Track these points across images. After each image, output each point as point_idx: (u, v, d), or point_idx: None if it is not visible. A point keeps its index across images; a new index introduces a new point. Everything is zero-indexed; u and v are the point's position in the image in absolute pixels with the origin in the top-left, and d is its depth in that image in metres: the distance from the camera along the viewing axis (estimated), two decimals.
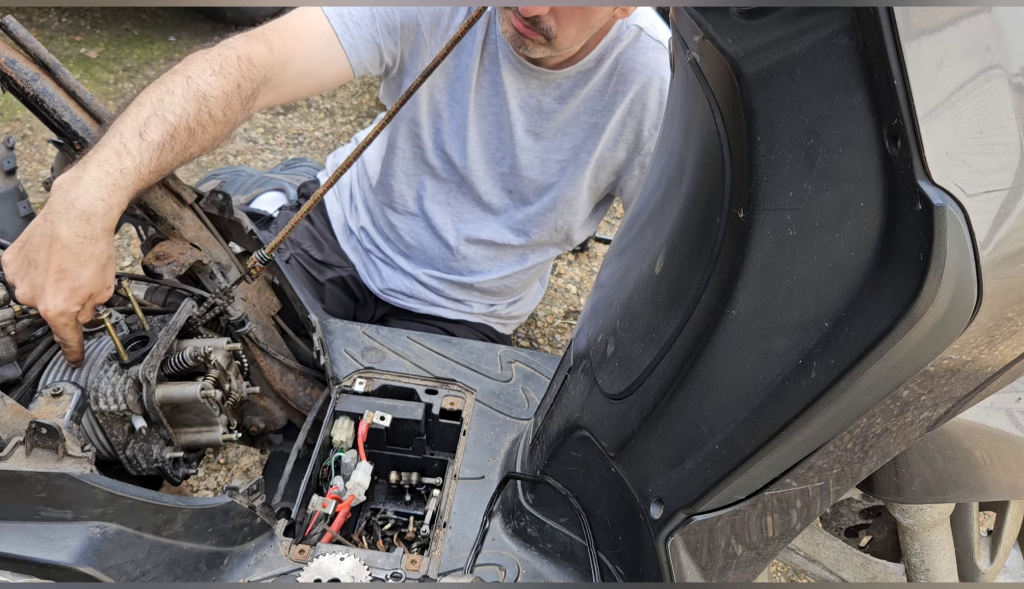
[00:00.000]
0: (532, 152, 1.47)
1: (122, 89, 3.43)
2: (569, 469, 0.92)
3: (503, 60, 1.38)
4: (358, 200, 1.69)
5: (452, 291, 1.66)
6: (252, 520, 0.95)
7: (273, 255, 1.13)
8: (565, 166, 1.48)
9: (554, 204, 1.52)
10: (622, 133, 1.44)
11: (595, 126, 1.44)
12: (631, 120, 1.43)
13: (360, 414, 1.11)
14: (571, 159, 1.47)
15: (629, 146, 1.46)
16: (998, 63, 0.46)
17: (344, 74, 1.32)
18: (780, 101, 0.54)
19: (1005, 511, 1.12)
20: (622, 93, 1.40)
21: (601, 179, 1.52)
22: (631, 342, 0.78)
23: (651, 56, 1.39)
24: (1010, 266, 0.48)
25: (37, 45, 1.07)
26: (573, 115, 1.43)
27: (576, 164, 1.48)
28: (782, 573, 1.89)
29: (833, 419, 0.58)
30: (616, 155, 1.47)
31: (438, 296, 1.67)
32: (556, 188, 1.50)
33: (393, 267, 1.67)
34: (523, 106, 1.43)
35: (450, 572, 0.97)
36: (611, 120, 1.43)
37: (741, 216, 0.59)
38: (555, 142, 1.46)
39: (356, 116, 3.53)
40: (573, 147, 1.46)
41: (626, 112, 1.42)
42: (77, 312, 0.98)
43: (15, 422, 0.89)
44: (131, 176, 0.97)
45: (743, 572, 0.77)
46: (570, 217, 1.56)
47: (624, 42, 1.38)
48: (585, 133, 1.45)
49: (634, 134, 1.44)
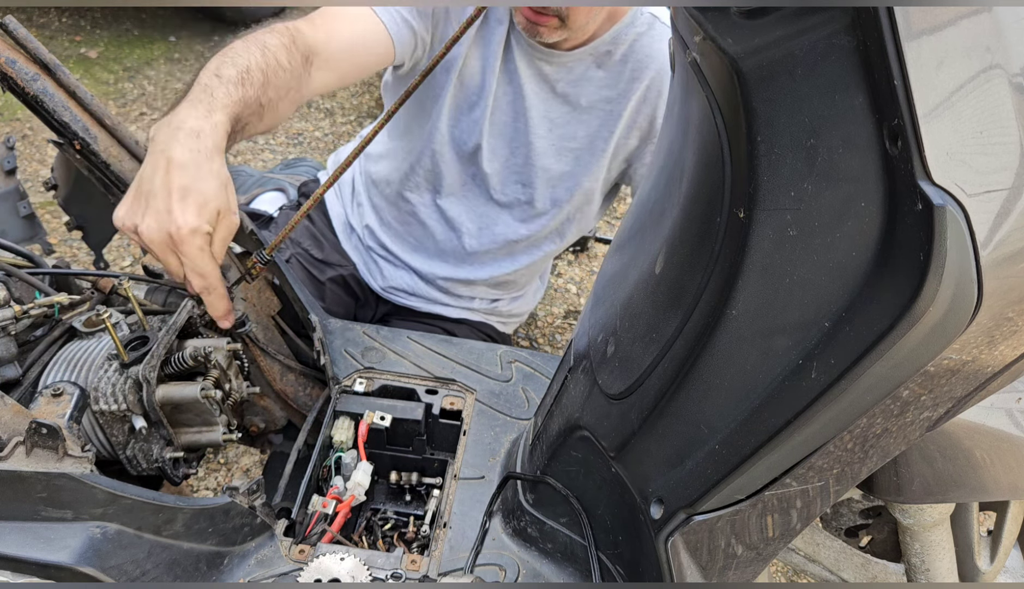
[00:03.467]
0: (547, 140, 1.46)
1: (122, 89, 3.43)
2: (569, 469, 0.92)
3: (516, 46, 1.39)
4: (362, 197, 1.69)
5: (458, 288, 1.66)
6: (252, 520, 0.95)
7: (273, 255, 1.13)
8: (580, 155, 1.47)
9: (570, 195, 1.51)
10: (636, 120, 1.45)
11: (611, 114, 1.44)
12: (646, 107, 1.43)
13: (360, 414, 1.11)
14: (587, 147, 1.47)
15: (643, 133, 1.46)
16: (998, 63, 0.46)
17: (386, 51, 1.31)
18: (780, 101, 0.54)
19: (1005, 511, 1.12)
20: (638, 79, 1.41)
21: (613, 168, 1.52)
22: (631, 342, 0.78)
23: (666, 44, 1.39)
24: (1010, 266, 0.48)
25: (37, 45, 1.07)
26: (589, 103, 1.43)
27: (592, 153, 1.47)
28: (782, 573, 1.89)
29: (833, 419, 0.58)
30: (629, 142, 1.47)
31: (442, 293, 1.66)
32: (572, 178, 1.49)
33: (396, 265, 1.66)
34: (538, 92, 1.43)
35: (450, 572, 0.97)
36: (627, 107, 1.43)
37: (741, 216, 0.59)
38: (570, 130, 1.46)
39: (356, 116, 3.53)
40: (589, 135, 1.46)
41: (641, 99, 1.42)
42: (210, 234, 0.91)
43: (15, 422, 0.89)
44: (222, 101, 0.96)
45: (743, 572, 0.77)
46: (585, 207, 1.55)
47: (638, 29, 1.39)
48: (600, 121, 1.45)
49: (648, 121, 1.45)
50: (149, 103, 3.37)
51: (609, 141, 1.46)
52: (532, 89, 1.42)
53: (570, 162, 1.48)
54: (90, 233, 1.36)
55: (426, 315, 1.69)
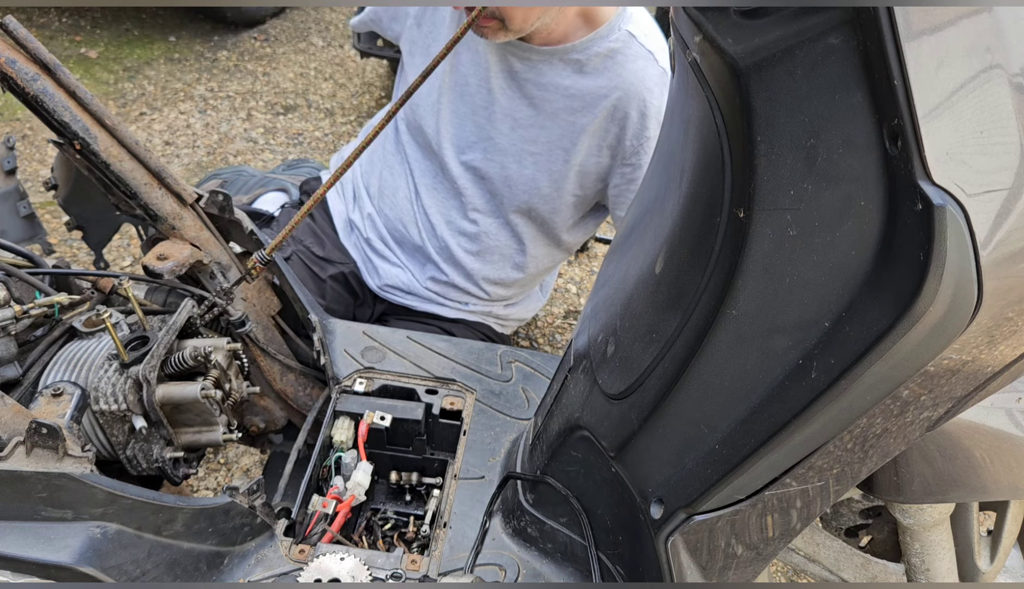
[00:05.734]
0: (508, 139, 1.46)
1: (122, 89, 3.43)
2: (569, 469, 0.92)
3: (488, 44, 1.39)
4: (362, 194, 1.70)
5: (448, 291, 1.66)
6: (252, 520, 0.95)
7: (273, 255, 1.14)
8: (538, 159, 1.47)
9: (529, 198, 1.51)
10: (605, 138, 1.43)
11: (573, 125, 1.42)
12: (613, 126, 1.41)
13: (360, 414, 1.11)
14: (545, 154, 1.46)
15: (613, 151, 1.44)
16: (998, 63, 0.46)
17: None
18: (780, 101, 0.54)
19: (1005, 511, 1.12)
20: (605, 95, 1.39)
21: (587, 186, 1.50)
22: (631, 342, 0.78)
23: (639, 65, 1.37)
24: (1010, 266, 0.48)
25: (37, 45, 1.07)
26: (553, 110, 1.42)
27: (550, 159, 1.46)
28: (782, 573, 1.89)
29: (833, 419, 0.58)
30: (601, 160, 1.46)
31: (435, 294, 1.67)
32: (532, 182, 1.49)
33: (391, 263, 1.67)
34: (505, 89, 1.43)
35: (450, 572, 0.97)
36: (592, 122, 1.41)
37: (741, 216, 0.59)
38: (531, 133, 1.45)
39: (356, 116, 3.53)
40: (548, 142, 1.45)
41: (608, 117, 1.40)
42: None
43: (15, 422, 0.89)
44: None
45: (743, 572, 0.77)
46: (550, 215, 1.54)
47: (612, 44, 1.36)
48: (562, 130, 1.43)
49: (616, 140, 1.42)
50: (149, 103, 3.37)
51: (570, 151, 1.44)
52: (499, 84, 1.42)
53: (531, 165, 1.48)
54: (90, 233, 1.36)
55: (423, 315, 1.69)
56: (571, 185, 1.49)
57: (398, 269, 1.66)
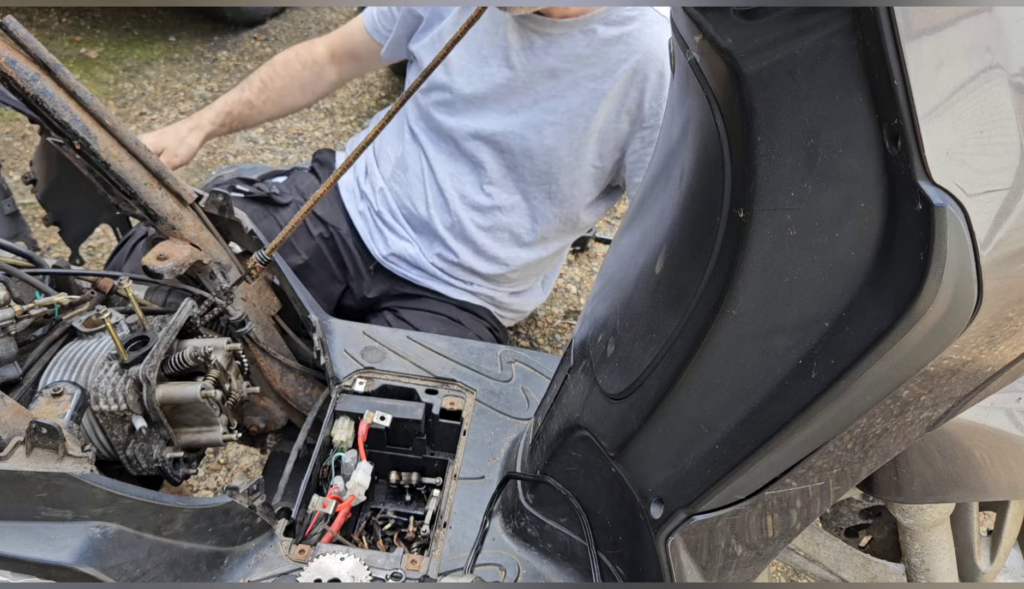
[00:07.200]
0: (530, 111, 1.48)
1: (122, 89, 3.43)
2: (569, 469, 0.92)
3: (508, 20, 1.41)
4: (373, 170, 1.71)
5: (455, 270, 1.67)
6: (252, 520, 0.95)
7: (273, 255, 1.13)
8: (558, 129, 1.48)
9: (549, 168, 1.52)
10: (624, 103, 1.45)
11: (594, 91, 1.45)
12: (633, 90, 1.44)
13: (360, 414, 1.11)
14: (566, 123, 1.47)
15: (632, 117, 1.47)
16: (998, 63, 0.46)
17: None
18: (780, 101, 0.54)
19: (1005, 511, 1.12)
20: (624, 60, 1.42)
21: (606, 156, 1.52)
22: (631, 342, 0.78)
23: (656, 29, 1.42)
24: (1010, 266, 0.48)
25: (37, 45, 1.07)
26: (574, 80, 1.44)
27: (571, 127, 1.47)
28: (782, 573, 1.89)
29: (833, 419, 0.58)
30: (620, 127, 1.48)
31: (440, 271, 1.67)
32: (552, 152, 1.50)
33: (400, 236, 1.67)
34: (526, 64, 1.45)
35: (450, 572, 0.97)
36: (613, 87, 1.43)
37: (741, 216, 0.59)
38: (552, 104, 1.47)
39: (356, 116, 3.53)
40: (568, 110, 1.47)
41: (628, 81, 1.43)
42: None
43: (15, 422, 0.89)
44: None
45: (743, 572, 0.77)
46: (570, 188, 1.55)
47: (629, 13, 1.40)
48: (583, 98, 1.45)
49: (636, 105, 1.45)
50: (149, 103, 3.37)
51: (591, 119, 1.46)
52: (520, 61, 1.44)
53: (551, 136, 1.49)
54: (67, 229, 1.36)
55: (425, 292, 1.69)
56: (591, 154, 1.51)
57: (406, 242, 1.67)
